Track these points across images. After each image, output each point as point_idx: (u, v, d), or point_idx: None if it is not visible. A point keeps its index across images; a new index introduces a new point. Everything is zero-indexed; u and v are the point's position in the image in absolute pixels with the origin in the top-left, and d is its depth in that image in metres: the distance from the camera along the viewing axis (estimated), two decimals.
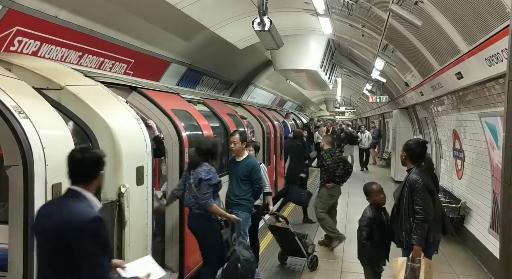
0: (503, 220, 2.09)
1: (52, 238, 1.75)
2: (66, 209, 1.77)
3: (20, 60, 3.02)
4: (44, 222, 1.81)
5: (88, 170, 1.86)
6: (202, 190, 3.43)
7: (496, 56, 3.59)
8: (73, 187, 1.85)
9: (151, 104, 4.05)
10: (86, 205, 1.80)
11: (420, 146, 3.36)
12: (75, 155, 1.87)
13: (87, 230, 1.70)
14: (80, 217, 1.73)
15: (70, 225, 1.71)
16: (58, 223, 1.75)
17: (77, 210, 1.76)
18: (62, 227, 1.73)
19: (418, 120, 9.82)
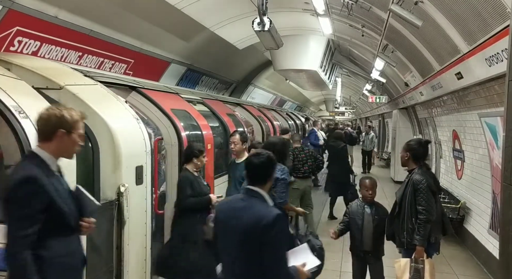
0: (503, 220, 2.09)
1: (242, 236, 1.91)
2: (253, 208, 1.97)
3: (19, 60, 3.02)
4: (232, 221, 1.97)
5: (264, 172, 2.08)
6: (279, 189, 3.45)
7: (496, 56, 3.59)
8: (251, 187, 2.06)
9: (150, 104, 4.05)
10: (267, 205, 2.02)
11: (422, 146, 3.36)
12: (253, 160, 2.11)
13: (276, 226, 1.86)
14: (268, 215, 1.89)
15: (260, 223, 1.87)
16: (248, 221, 1.91)
17: (263, 209, 1.96)
18: (252, 225, 1.87)
19: (418, 120, 9.82)
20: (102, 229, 2.72)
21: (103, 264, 2.75)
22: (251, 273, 1.89)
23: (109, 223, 2.78)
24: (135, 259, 3.00)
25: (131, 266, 2.95)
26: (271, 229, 1.84)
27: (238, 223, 1.92)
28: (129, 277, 2.92)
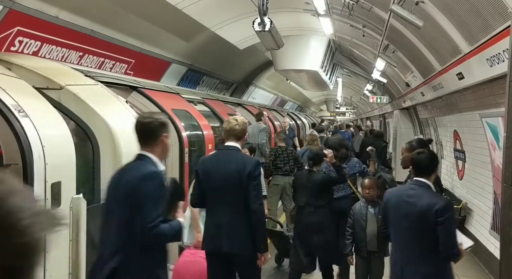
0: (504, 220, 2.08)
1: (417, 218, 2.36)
2: (424, 196, 2.39)
3: (20, 60, 3.03)
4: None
5: (429, 167, 2.48)
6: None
7: (497, 56, 3.58)
8: (420, 179, 2.45)
9: (151, 104, 4.05)
10: (434, 193, 2.46)
11: (425, 145, 3.36)
12: (420, 157, 2.48)
13: (448, 211, 2.33)
14: (439, 201, 2.34)
15: (433, 207, 2.29)
16: (422, 207, 2.34)
17: (433, 196, 2.41)
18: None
19: (419, 120, 9.81)
20: None
21: None
22: (423, 248, 2.34)
23: None
24: None
25: None
26: (445, 213, 2.27)
27: (412, 208, 2.36)
28: None
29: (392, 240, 2.61)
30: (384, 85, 10.90)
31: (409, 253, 2.41)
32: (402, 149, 3.49)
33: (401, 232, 2.47)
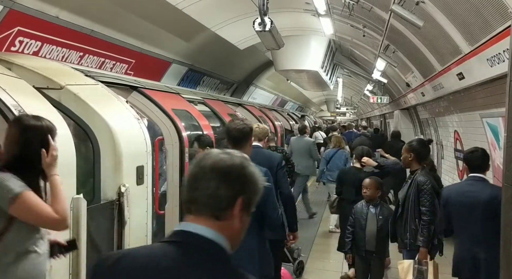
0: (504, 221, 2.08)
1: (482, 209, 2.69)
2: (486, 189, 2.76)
3: (20, 60, 3.03)
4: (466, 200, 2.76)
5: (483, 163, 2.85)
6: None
7: (497, 56, 3.58)
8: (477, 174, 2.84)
9: (151, 104, 4.05)
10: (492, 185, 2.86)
11: (426, 146, 3.36)
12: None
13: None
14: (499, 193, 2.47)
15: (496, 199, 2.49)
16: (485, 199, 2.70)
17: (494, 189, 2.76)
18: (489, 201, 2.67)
19: (419, 120, 9.80)
20: (102, 229, 2.72)
21: None
22: (492, 237, 2.48)
23: (110, 223, 2.78)
24: None
25: None
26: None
27: (475, 201, 2.63)
28: None
29: (458, 234, 2.87)
30: (385, 85, 10.90)
31: (479, 244, 2.64)
32: (402, 149, 3.48)
33: (467, 225, 2.71)
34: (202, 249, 0.90)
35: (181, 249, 0.90)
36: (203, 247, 0.90)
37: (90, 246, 2.50)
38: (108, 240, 2.78)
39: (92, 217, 2.51)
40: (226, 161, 0.96)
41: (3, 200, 1.66)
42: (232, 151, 1.02)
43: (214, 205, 0.93)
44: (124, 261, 0.94)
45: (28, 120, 1.83)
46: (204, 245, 0.90)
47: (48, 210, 1.73)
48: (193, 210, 0.94)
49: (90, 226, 2.49)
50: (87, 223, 2.44)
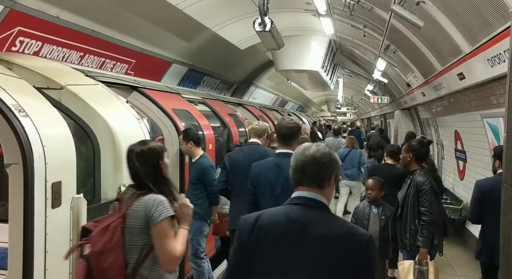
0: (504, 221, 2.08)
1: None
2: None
3: (21, 60, 3.03)
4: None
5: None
6: None
7: (498, 56, 3.57)
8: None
9: (151, 104, 4.06)
10: None
11: (425, 146, 3.35)
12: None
13: None
14: None
15: None
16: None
17: None
18: None
19: (420, 120, 9.79)
20: None
21: None
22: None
23: None
24: None
25: None
26: None
27: None
28: None
29: (490, 223, 2.91)
30: (385, 85, 10.89)
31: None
32: (402, 149, 3.48)
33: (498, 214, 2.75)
34: (315, 206, 1.45)
35: (302, 206, 1.44)
36: (316, 205, 1.45)
37: None
38: None
39: (92, 216, 2.51)
40: (321, 151, 1.49)
41: (158, 217, 1.81)
42: (319, 144, 1.56)
43: (318, 180, 1.46)
44: (263, 217, 1.46)
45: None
46: (316, 203, 1.45)
47: (176, 244, 1.84)
48: (305, 184, 1.47)
49: None
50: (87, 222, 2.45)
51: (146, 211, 1.82)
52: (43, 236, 2.17)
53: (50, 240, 2.20)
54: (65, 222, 2.33)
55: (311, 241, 1.36)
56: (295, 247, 1.37)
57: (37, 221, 2.14)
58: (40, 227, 2.16)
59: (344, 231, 1.38)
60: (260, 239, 1.41)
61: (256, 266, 1.39)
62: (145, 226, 1.82)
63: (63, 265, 2.32)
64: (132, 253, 1.81)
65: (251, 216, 1.47)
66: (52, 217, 2.23)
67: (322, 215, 1.43)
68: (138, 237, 1.82)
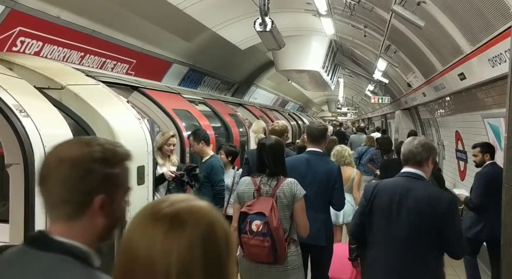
0: (505, 221, 2.07)
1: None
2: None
3: (21, 60, 3.03)
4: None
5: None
6: None
7: (499, 56, 3.57)
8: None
9: (152, 104, 4.06)
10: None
11: None
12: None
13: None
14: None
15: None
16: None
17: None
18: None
19: (420, 121, 9.79)
20: None
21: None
22: None
23: None
24: None
25: None
26: None
27: None
28: None
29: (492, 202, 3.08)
30: (386, 85, 10.88)
31: None
32: None
33: None
34: (416, 178, 2.16)
35: (407, 178, 2.16)
36: (416, 177, 2.16)
37: None
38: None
39: None
40: (421, 141, 2.26)
41: (300, 194, 2.37)
42: (420, 137, 2.25)
43: (419, 161, 2.22)
44: (380, 183, 2.25)
45: None
46: (417, 176, 2.16)
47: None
48: (409, 164, 2.20)
49: None
50: None
51: (291, 191, 2.38)
52: None
53: None
54: None
55: (411, 198, 2.08)
56: (400, 201, 2.10)
57: (38, 222, 2.14)
58: (40, 228, 2.15)
59: (435, 193, 2.09)
60: (378, 195, 2.18)
61: (375, 213, 2.17)
62: (291, 202, 2.37)
63: None
64: (284, 224, 2.38)
65: (373, 183, 2.32)
66: None
67: (419, 183, 2.13)
68: (288, 211, 2.38)
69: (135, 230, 0.73)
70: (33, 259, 0.85)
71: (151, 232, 0.70)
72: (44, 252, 0.86)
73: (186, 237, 0.69)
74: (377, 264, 2.16)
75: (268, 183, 2.41)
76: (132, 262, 0.71)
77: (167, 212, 0.71)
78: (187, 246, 0.68)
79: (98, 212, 0.90)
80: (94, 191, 0.88)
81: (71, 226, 0.89)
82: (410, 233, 2.05)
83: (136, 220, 0.74)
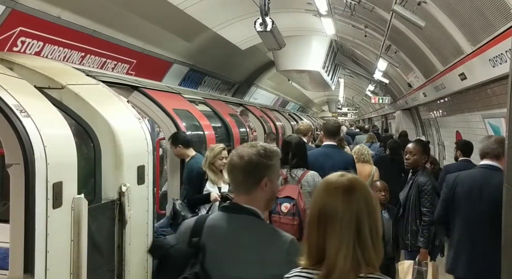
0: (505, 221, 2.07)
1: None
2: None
3: (22, 60, 3.03)
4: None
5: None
6: None
7: (500, 56, 3.57)
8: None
9: (152, 104, 4.06)
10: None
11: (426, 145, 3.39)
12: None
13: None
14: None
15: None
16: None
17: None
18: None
19: (421, 121, 9.78)
20: (103, 229, 2.72)
21: (104, 263, 2.75)
22: None
23: (111, 223, 2.78)
24: (136, 259, 3.00)
25: (133, 265, 2.95)
26: None
27: None
28: (131, 276, 2.92)
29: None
30: (386, 85, 10.88)
31: None
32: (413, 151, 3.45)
33: None
34: (494, 168, 2.66)
35: (485, 169, 2.70)
36: (494, 168, 2.68)
37: (91, 245, 2.50)
38: (109, 239, 2.78)
39: (93, 216, 2.51)
40: (497, 139, 2.73)
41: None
42: (494, 135, 3.00)
43: (496, 155, 2.70)
44: (460, 174, 2.85)
45: None
46: (493, 168, 2.70)
47: None
48: (488, 157, 2.73)
49: (91, 226, 2.49)
50: (88, 222, 2.44)
51: (314, 181, 2.85)
52: (44, 237, 2.17)
53: (51, 241, 2.20)
54: (66, 222, 2.33)
55: (492, 184, 2.50)
56: (481, 187, 2.57)
57: (38, 222, 2.14)
58: (41, 228, 2.16)
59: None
60: (459, 184, 2.69)
61: (454, 201, 2.65)
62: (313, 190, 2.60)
63: (64, 265, 2.32)
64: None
65: (453, 175, 2.82)
66: (53, 218, 2.22)
67: (499, 172, 2.46)
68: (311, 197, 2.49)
69: (321, 194, 1.20)
70: (235, 219, 1.44)
71: (334, 193, 1.17)
72: (239, 214, 1.44)
73: (357, 196, 1.16)
74: (463, 250, 2.63)
75: (293, 173, 2.91)
76: (322, 211, 1.16)
77: (342, 181, 1.19)
78: (358, 201, 1.15)
79: (264, 189, 1.44)
80: (262, 175, 1.44)
81: (249, 198, 1.45)
82: (491, 212, 2.36)
83: (319, 189, 1.22)
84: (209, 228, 1.43)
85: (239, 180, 1.44)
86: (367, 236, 1.12)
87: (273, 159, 1.46)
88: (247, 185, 1.43)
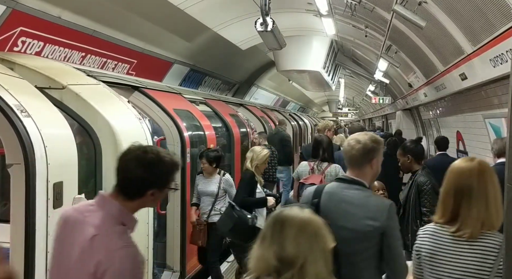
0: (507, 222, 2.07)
1: None
2: None
3: (22, 60, 3.03)
4: None
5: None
6: None
7: (500, 56, 3.56)
8: None
9: (153, 104, 4.06)
10: None
11: (418, 143, 3.38)
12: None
13: None
14: None
15: None
16: None
17: None
18: None
19: (421, 121, 9.78)
20: None
21: None
22: None
23: None
24: None
25: None
26: None
27: None
28: None
29: None
30: (387, 85, 10.88)
31: None
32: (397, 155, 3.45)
33: None
34: None
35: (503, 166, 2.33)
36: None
37: None
38: None
39: None
40: None
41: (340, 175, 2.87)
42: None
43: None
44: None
45: None
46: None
47: None
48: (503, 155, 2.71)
49: None
50: None
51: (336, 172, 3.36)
52: (44, 237, 2.17)
53: (51, 241, 2.20)
54: None
55: None
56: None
57: (39, 222, 2.14)
58: (41, 228, 2.16)
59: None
60: None
61: None
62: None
63: None
64: None
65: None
66: (54, 218, 2.22)
67: None
68: None
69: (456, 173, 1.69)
70: (348, 187, 1.84)
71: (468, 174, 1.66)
72: (352, 184, 1.85)
73: (486, 176, 1.65)
74: None
75: (319, 166, 3.55)
76: (459, 186, 1.64)
77: (474, 164, 1.68)
78: (486, 180, 1.62)
79: (373, 167, 1.86)
80: (372, 156, 1.86)
81: (360, 172, 1.86)
82: None
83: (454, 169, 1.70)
84: (327, 193, 1.86)
85: (355, 158, 1.84)
86: (491, 205, 1.56)
87: (380, 145, 1.88)
88: (361, 162, 1.83)
